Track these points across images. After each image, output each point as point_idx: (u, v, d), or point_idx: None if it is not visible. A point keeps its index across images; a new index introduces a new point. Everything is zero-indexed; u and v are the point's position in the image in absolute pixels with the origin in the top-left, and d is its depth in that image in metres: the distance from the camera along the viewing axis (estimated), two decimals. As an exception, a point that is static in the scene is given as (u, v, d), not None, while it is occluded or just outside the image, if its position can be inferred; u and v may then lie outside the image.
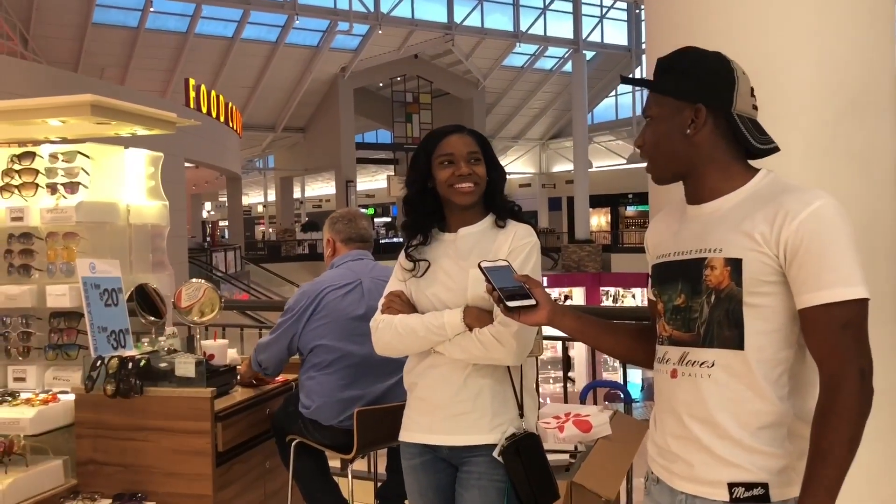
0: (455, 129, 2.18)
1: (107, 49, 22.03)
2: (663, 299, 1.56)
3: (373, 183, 36.66)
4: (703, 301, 1.48)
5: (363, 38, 25.35)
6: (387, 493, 3.17)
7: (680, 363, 1.52)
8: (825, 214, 1.41)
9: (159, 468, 2.94)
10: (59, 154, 3.31)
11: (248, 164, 32.97)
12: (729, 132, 1.52)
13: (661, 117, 1.55)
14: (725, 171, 1.52)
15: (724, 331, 1.46)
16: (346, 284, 3.01)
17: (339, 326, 2.96)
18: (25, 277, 3.28)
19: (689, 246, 1.53)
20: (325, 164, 28.54)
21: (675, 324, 1.53)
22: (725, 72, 1.52)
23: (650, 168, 1.60)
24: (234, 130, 21.86)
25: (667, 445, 1.54)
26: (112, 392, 2.93)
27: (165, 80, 23.73)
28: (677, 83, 1.53)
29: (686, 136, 1.51)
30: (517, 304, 1.62)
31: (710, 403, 1.46)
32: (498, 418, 2.07)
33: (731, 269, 1.44)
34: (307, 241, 29.23)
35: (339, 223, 3.13)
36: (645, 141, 1.58)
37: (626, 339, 1.74)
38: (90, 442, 3.02)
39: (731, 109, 1.50)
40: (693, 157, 1.53)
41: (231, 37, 23.38)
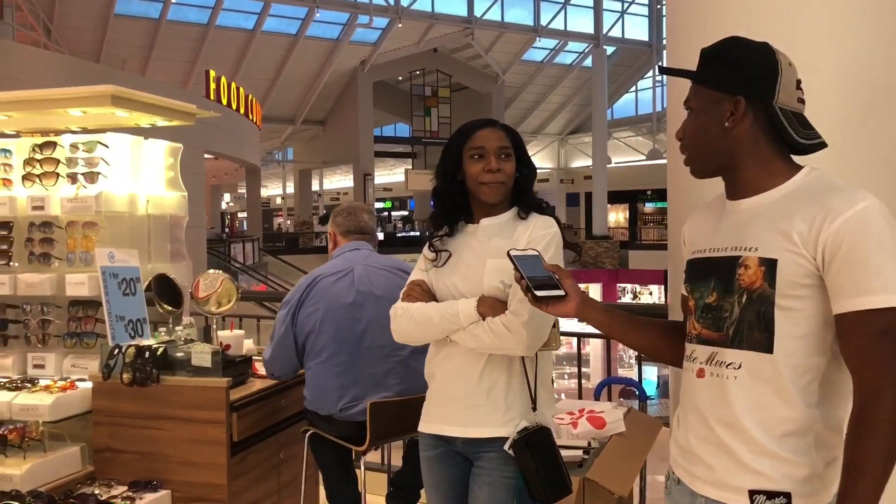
0: (487, 123, 2.18)
1: (128, 40, 22.19)
2: (695, 296, 1.52)
3: (391, 176, 36.71)
4: (735, 301, 1.43)
5: (383, 32, 25.36)
6: (401, 481, 3.18)
7: (707, 363, 1.48)
8: (869, 216, 1.34)
9: (175, 457, 2.97)
10: (80, 144, 3.34)
11: (267, 157, 33.12)
12: (770, 126, 1.46)
13: (700, 109, 1.50)
14: (766, 166, 1.47)
15: (754, 332, 1.41)
16: (338, 272, 3.02)
17: (329, 313, 2.96)
18: (45, 266, 3.31)
19: (724, 243, 1.48)
20: (344, 157, 28.61)
21: (705, 322, 1.49)
22: (769, 62, 1.46)
23: (688, 161, 1.55)
24: (253, 122, 21.94)
25: (689, 446, 1.51)
26: (129, 380, 2.96)
27: (186, 72, 23.86)
28: (717, 74, 1.48)
29: (725, 128, 1.47)
30: (546, 294, 1.58)
31: (736, 406, 1.42)
32: (511, 412, 2.06)
33: (766, 269, 1.39)
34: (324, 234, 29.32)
35: (340, 216, 3.17)
36: (685, 133, 1.54)
37: (655, 336, 1.70)
38: (107, 429, 3.05)
39: (773, 102, 1.45)
40: (732, 150, 1.48)
41: (252, 29, 23.47)
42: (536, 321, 1.99)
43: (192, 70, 23.51)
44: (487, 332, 2.01)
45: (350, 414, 2.92)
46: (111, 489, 2.91)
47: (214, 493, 2.93)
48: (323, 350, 2.95)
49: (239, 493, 2.99)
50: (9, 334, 3.34)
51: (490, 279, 2.04)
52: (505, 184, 2.11)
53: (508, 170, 2.12)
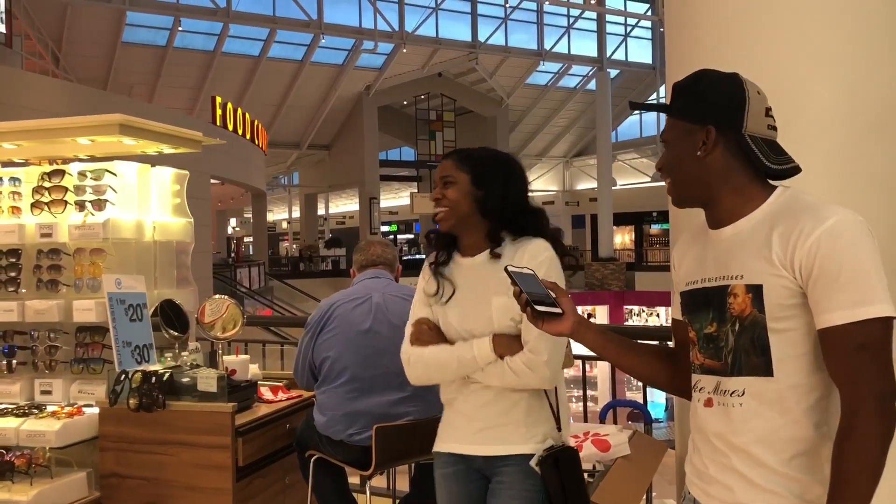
0: (446, 156, 2.21)
1: (135, 67, 22.42)
2: (695, 327, 1.54)
3: (396, 200, 36.81)
4: (729, 329, 1.46)
5: (388, 57, 25.56)
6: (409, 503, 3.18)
7: (714, 392, 1.49)
8: (840, 231, 1.36)
9: (180, 482, 2.97)
10: (88, 172, 3.38)
11: (273, 181, 33.28)
12: (742, 153, 1.49)
13: (675, 140, 1.54)
14: (742, 192, 1.49)
15: (752, 358, 1.43)
16: (356, 299, 3.06)
17: (346, 339, 2.99)
18: (53, 292, 3.34)
19: (713, 272, 1.51)
20: (349, 180, 28.72)
21: (707, 352, 1.51)
22: (736, 92, 1.49)
23: (670, 191, 1.59)
24: (259, 148, 22.09)
25: (705, 468, 1.52)
26: (135, 406, 2.98)
27: (193, 98, 24.07)
28: (688, 105, 1.52)
29: (697, 157, 1.50)
30: (545, 310, 1.59)
31: (743, 433, 1.44)
32: (532, 430, 2.08)
33: (753, 295, 1.42)
34: (331, 258, 29.38)
35: (356, 254, 3.26)
36: (663, 164, 1.58)
37: (649, 360, 1.72)
38: (113, 455, 3.06)
39: (742, 130, 1.48)
40: (708, 179, 1.50)
41: (258, 55, 23.69)
42: (555, 355, 2.03)
43: (199, 96, 23.72)
44: (509, 372, 2.03)
45: (359, 439, 2.93)
46: (117, 515, 2.92)
47: (220, 519, 2.93)
48: (339, 375, 2.98)
49: (244, 518, 2.98)
50: (17, 360, 3.36)
51: (500, 318, 2.05)
52: (451, 209, 2.10)
53: (451, 196, 2.10)
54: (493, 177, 2.14)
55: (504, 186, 2.13)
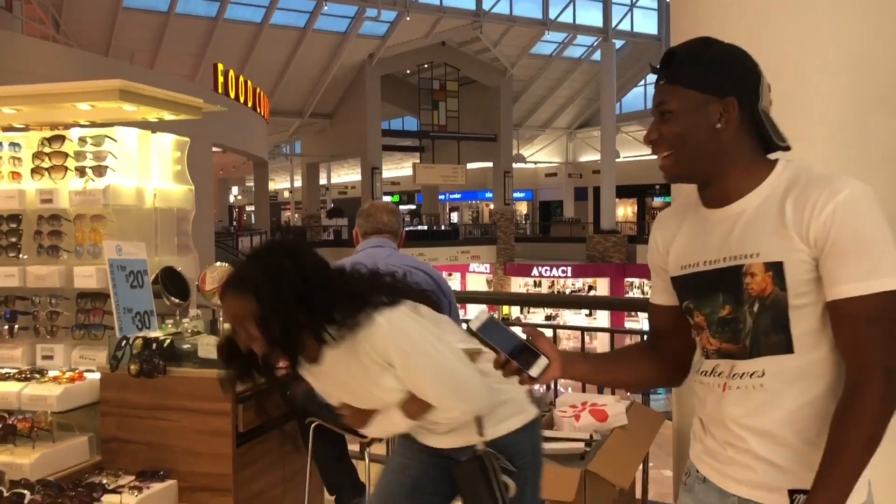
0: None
1: (137, 33, 22.22)
2: (704, 312, 1.48)
3: (398, 170, 36.70)
4: (746, 311, 1.41)
5: (391, 25, 25.32)
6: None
7: (730, 377, 1.45)
8: (853, 203, 1.33)
9: (181, 447, 3.00)
10: (88, 138, 3.37)
11: (274, 150, 33.15)
12: (753, 129, 1.45)
13: (683, 112, 1.44)
14: (747, 168, 1.45)
15: (771, 337, 1.40)
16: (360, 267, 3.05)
17: None
18: (54, 258, 3.35)
19: (720, 253, 1.45)
20: (352, 150, 28.60)
21: (724, 336, 1.46)
22: (751, 65, 1.45)
23: (671, 164, 1.48)
24: (261, 116, 21.97)
25: (721, 449, 1.48)
26: (136, 371, 3.00)
27: (194, 65, 23.89)
28: (703, 75, 1.43)
29: (715, 131, 1.43)
30: (540, 372, 1.45)
31: (764, 414, 1.41)
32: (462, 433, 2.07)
33: (774, 273, 1.37)
34: (332, 227, 29.38)
35: (361, 217, 3.23)
36: (662, 135, 1.46)
37: (639, 366, 1.65)
38: (115, 420, 3.09)
39: (759, 105, 1.44)
40: (719, 154, 1.44)
41: (260, 22, 23.47)
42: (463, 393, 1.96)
43: (201, 63, 23.54)
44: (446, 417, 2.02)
45: None
46: (119, 479, 2.95)
47: (220, 483, 2.96)
48: None
49: (244, 483, 3.01)
50: (18, 325, 3.37)
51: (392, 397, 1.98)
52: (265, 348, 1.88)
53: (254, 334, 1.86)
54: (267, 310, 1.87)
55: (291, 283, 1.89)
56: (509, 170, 29.95)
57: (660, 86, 1.47)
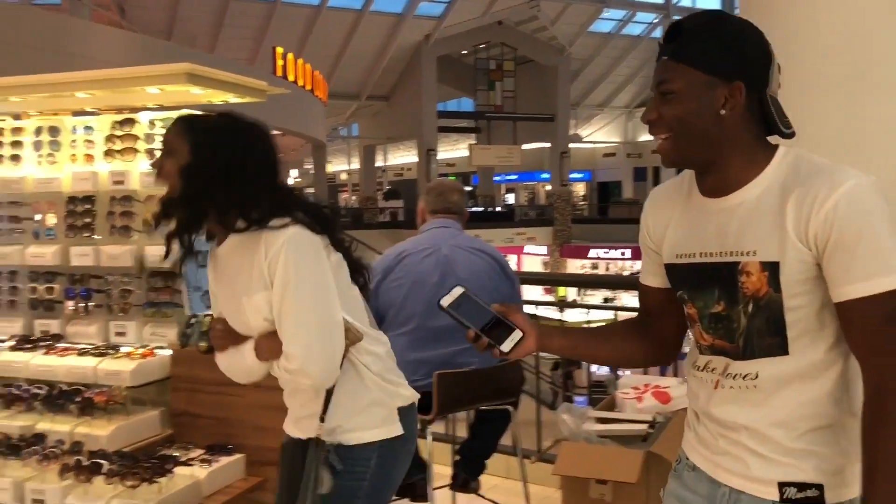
0: None
1: (198, 17, 22.63)
2: (697, 305, 1.42)
3: (454, 151, 36.67)
4: (741, 310, 1.35)
5: (447, 5, 25.23)
6: (469, 451, 3.24)
7: (723, 375, 1.40)
8: (857, 196, 1.24)
9: (248, 422, 3.08)
10: (157, 121, 3.45)
11: (332, 132, 33.48)
12: (758, 115, 1.35)
13: (686, 93, 1.34)
14: (748, 156, 1.36)
15: (766, 339, 1.33)
16: (424, 249, 3.07)
17: (413, 289, 3.02)
18: (126, 238, 3.45)
19: (717, 246, 1.37)
20: (408, 132, 28.71)
21: (717, 332, 1.40)
22: (765, 46, 1.34)
23: (669, 148, 1.39)
24: (319, 99, 22.19)
25: (713, 440, 1.44)
26: (205, 348, 3.08)
27: (253, 49, 24.23)
28: (711, 55, 1.33)
29: (719, 116, 1.33)
30: (512, 346, 1.42)
31: (758, 415, 1.36)
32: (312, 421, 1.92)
33: (769, 273, 1.30)
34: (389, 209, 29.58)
35: (430, 195, 3.23)
36: (661, 116, 1.38)
37: (620, 343, 1.60)
38: (184, 395, 3.19)
39: (767, 90, 1.34)
40: (721, 140, 1.35)
41: (318, 5, 23.65)
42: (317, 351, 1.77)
43: (259, 47, 23.86)
44: (283, 376, 1.85)
45: (420, 385, 2.98)
46: (189, 451, 3.04)
47: (286, 458, 3.03)
48: (404, 323, 3.02)
49: (309, 458, 3.08)
50: (93, 303, 3.50)
51: (254, 320, 1.82)
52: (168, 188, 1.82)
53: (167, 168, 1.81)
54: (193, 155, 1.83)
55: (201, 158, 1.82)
56: (566, 150, 29.66)
57: (662, 61, 1.38)
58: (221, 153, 1.80)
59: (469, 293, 1.45)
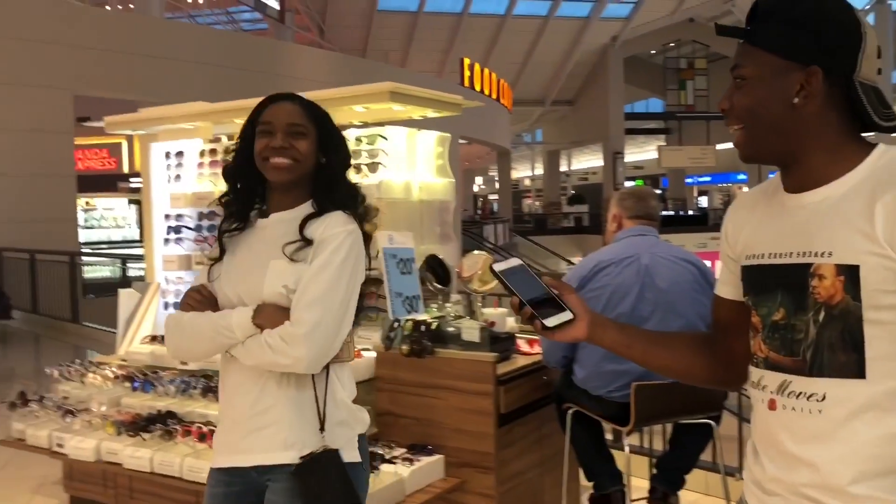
0: (285, 97, 1.92)
1: (390, 34, 23.75)
2: (760, 312, 1.26)
3: (641, 154, 35.77)
4: (810, 319, 1.17)
5: (635, 5, 24.70)
6: (668, 464, 3.17)
7: (779, 393, 1.22)
8: None
9: (447, 424, 3.20)
10: (363, 137, 3.68)
11: (516, 139, 33.79)
12: (846, 103, 1.19)
13: (758, 79, 1.22)
14: (835, 151, 1.20)
15: (838, 355, 1.15)
16: (624, 259, 3.02)
17: (610, 300, 2.99)
18: (335, 247, 3.70)
19: (789, 247, 1.21)
20: (593, 136, 28.37)
21: (773, 344, 1.23)
22: (851, 26, 1.18)
23: (743, 141, 1.27)
24: (504, 106, 22.50)
25: (767, 482, 1.26)
26: (407, 352, 3.24)
27: (441, 61, 25.03)
28: (786, 37, 1.19)
29: (792, 105, 1.19)
30: (557, 322, 1.31)
31: (819, 446, 1.17)
32: (294, 433, 1.82)
33: (846, 278, 1.13)
34: (573, 214, 29.36)
35: (629, 200, 3.15)
36: (733, 105, 1.26)
37: (681, 354, 1.44)
38: (388, 395, 3.37)
39: (854, 76, 1.18)
40: (798, 132, 1.21)
41: (503, 14, 24.00)
42: (322, 332, 1.74)
43: (447, 58, 24.60)
44: (264, 346, 1.75)
45: (618, 396, 2.96)
46: (392, 450, 3.21)
47: (483, 461, 3.12)
48: None
49: (505, 462, 3.15)
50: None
51: (271, 283, 1.79)
52: (295, 163, 1.83)
53: (301, 148, 1.84)
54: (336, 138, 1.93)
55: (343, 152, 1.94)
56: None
57: (739, 45, 1.26)
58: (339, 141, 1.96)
59: (527, 267, 1.37)
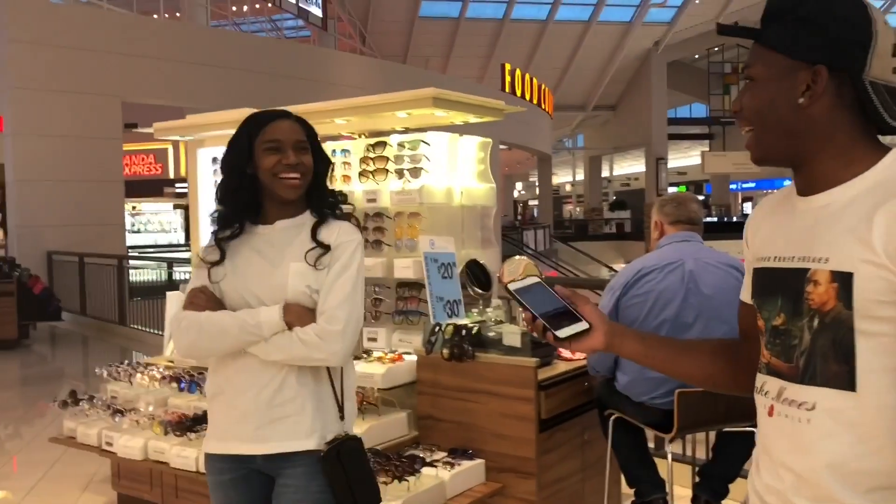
0: (283, 115, 2.05)
1: (431, 40, 23.86)
2: (764, 316, 1.24)
3: (685, 160, 35.34)
4: (805, 325, 1.15)
5: (678, 10, 24.46)
6: (711, 471, 3.13)
7: (778, 399, 1.20)
8: None
9: (488, 429, 3.21)
10: (405, 143, 3.72)
11: (557, 144, 33.66)
12: (856, 104, 1.16)
13: (766, 79, 1.20)
14: (845, 153, 1.17)
15: (830, 365, 1.12)
16: (668, 265, 3.00)
17: (654, 307, 2.97)
18: (378, 251, 3.74)
19: (792, 251, 1.19)
20: (635, 141, 28.14)
21: (774, 349, 1.21)
22: (862, 22, 1.14)
23: (753, 143, 1.25)
24: (545, 111, 22.44)
25: (765, 490, 1.24)
26: (448, 356, 3.26)
27: (482, 66, 25.06)
28: (791, 34, 1.17)
29: (798, 106, 1.17)
30: (571, 333, 1.31)
31: (809, 456, 1.14)
32: (317, 422, 1.96)
33: (839, 285, 1.11)
34: (615, 220, 29.13)
35: (669, 206, 3.14)
36: (744, 106, 1.24)
37: (704, 362, 1.41)
38: (429, 399, 3.39)
39: (864, 75, 1.14)
40: (805, 134, 1.18)
41: (545, 19, 23.96)
42: (352, 329, 1.91)
43: (488, 64, 24.62)
44: (297, 344, 1.89)
45: (660, 402, 2.94)
46: (433, 453, 3.23)
47: (524, 466, 3.12)
48: None
49: (546, 468, 3.15)
50: (348, 311, 3.83)
51: (295, 284, 1.92)
52: (305, 176, 1.99)
53: (308, 163, 2.00)
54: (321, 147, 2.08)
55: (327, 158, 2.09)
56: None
57: (752, 46, 1.24)
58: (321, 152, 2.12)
59: (543, 283, 1.38)
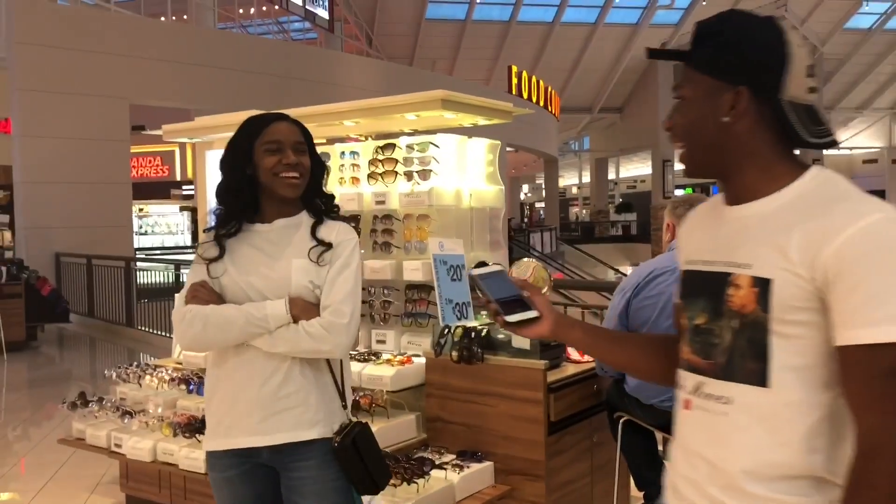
0: (281, 117, 2.11)
1: (437, 42, 23.86)
2: (688, 315, 1.32)
3: (691, 162, 35.28)
4: (725, 325, 1.24)
5: (685, 11, 24.42)
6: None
7: (694, 394, 1.29)
8: (878, 233, 1.11)
9: (497, 431, 3.20)
10: (415, 145, 3.71)
11: (564, 147, 33.62)
12: (775, 122, 1.24)
13: (693, 100, 1.28)
14: (768, 168, 1.25)
15: (747, 363, 1.21)
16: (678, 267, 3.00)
17: (665, 308, 2.97)
18: (386, 253, 3.74)
19: (716, 255, 1.28)
20: (642, 143, 28.07)
21: (694, 346, 1.30)
22: (777, 45, 1.23)
23: (685, 158, 1.33)
24: (552, 114, 22.43)
25: (676, 485, 1.31)
26: (457, 358, 3.26)
27: (489, 69, 25.05)
28: (715, 57, 1.25)
29: (723, 124, 1.25)
30: (518, 319, 1.42)
31: (723, 447, 1.23)
32: (321, 412, 2.02)
33: (759, 290, 1.19)
34: (621, 223, 29.07)
35: (681, 208, 3.15)
36: (674, 124, 1.32)
37: (643, 354, 1.50)
38: (438, 401, 3.39)
39: (781, 95, 1.22)
40: (730, 149, 1.26)
41: (551, 21, 23.94)
42: (355, 322, 2.01)
43: (495, 66, 24.61)
44: (304, 336, 1.95)
45: (670, 405, 2.93)
46: (442, 456, 3.23)
47: (533, 469, 3.12)
48: None
49: (555, 470, 3.14)
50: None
51: (299, 279, 1.99)
52: (304, 176, 2.06)
53: (306, 164, 2.07)
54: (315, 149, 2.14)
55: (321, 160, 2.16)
56: (819, 157, 27.36)
57: (682, 67, 1.32)
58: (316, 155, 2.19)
59: (505, 273, 1.50)
